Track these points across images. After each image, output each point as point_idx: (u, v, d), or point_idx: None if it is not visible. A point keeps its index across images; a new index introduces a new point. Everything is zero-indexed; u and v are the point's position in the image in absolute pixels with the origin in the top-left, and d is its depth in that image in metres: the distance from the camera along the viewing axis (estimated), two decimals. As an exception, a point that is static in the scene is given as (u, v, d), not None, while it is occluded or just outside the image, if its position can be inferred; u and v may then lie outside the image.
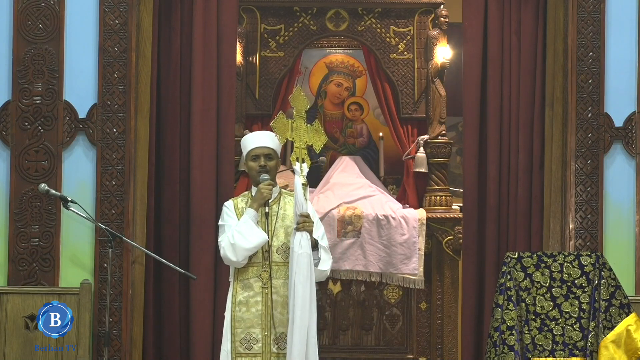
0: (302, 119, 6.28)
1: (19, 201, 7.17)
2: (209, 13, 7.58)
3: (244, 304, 6.08)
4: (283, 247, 6.12)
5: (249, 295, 6.08)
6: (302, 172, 6.08)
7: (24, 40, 7.22)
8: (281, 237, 6.13)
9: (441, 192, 9.56)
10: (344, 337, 9.42)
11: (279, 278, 6.08)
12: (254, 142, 6.22)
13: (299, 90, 6.36)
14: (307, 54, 10.17)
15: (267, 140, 6.21)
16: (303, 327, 5.91)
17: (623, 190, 7.36)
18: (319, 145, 6.32)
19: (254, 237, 6.00)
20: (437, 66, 9.64)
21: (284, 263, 6.09)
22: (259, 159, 6.16)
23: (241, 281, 6.10)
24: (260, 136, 6.28)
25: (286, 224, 6.16)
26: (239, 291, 6.10)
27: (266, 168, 6.14)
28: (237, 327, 6.08)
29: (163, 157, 7.60)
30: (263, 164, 6.15)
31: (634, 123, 7.35)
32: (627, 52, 7.38)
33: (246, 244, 6.00)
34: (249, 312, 6.07)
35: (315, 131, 6.30)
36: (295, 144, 6.24)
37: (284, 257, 6.10)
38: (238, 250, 6.00)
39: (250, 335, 6.06)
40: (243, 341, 6.06)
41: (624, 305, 6.44)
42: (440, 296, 9.34)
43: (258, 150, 6.18)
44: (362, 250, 9.16)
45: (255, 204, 6.08)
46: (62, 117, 7.23)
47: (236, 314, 6.08)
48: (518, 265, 6.50)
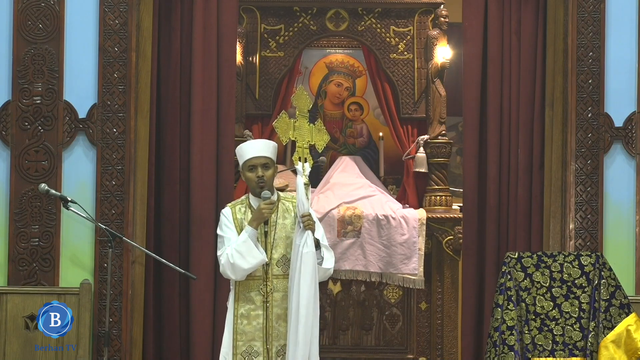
0: (304, 119, 6.28)
1: (19, 201, 7.17)
2: (209, 13, 7.59)
3: (245, 317, 6.06)
4: (283, 259, 6.07)
5: (250, 308, 6.06)
6: (304, 172, 6.08)
7: (24, 40, 7.22)
8: (280, 250, 6.08)
9: (441, 192, 9.56)
10: (344, 337, 9.42)
11: (279, 291, 6.05)
12: (250, 152, 6.09)
13: (302, 90, 6.36)
14: (307, 54, 10.17)
15: (264, 149, 6.10)
16: (308, 327, 5.91)
17: (623, 190, 7.36)
18: (322, 145, 6.31)
19: (253, 259, 5.96)
20: (437, 66, 9.64)
21: (284, 276, 6.06)
22: (255, 169, 6.05)
23: (242, 294, 6.08)
24: (256, 145, 6.14)
25: (285, 235, 6.10)
26: (240, 304, 6.08)
27: (263, 179, 6.06)
28: (239, 339, 6.06)
29: (163, 157, 7.60)
30: (261, 175, 6.08)
31: (634, 123, 7.35)
32: (627, 52, 7.38)
33: (245, 265, 5.96)
34: (250, 325, 6.05)
35: (317, 130, 6.30)
36: (297, 143, 6.23)
37: (283, 270, 6.07)
38: (237, 271, 5.99)
39: (252, 348, 6.05)
40: (244, 354, 6.05)
41: (624, 305, 6.44)
42: (440, 296, 9.34)
43: (255, 161, 6.05)
44: (362, 250, 9.16)
45: (255, 222, 6.02)
46: (62, 117, 7.23)
47: (238, 326, 6.06)
48: (518, 265, 6.50)
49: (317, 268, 5.98)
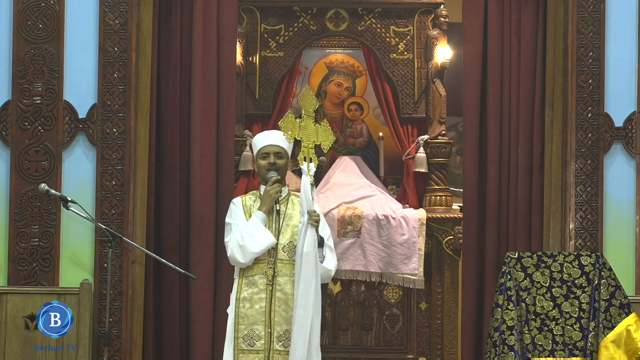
0: (310, 118, 6.30)
1: (19, 201, 7.17)
2: (209, 13, 7.58)
3: (248, 300, 6.10)
4: (289, 245, 6.16)
5: (253, 292, 6.10)
6: (309, 172, 6.12)
7: (24, 40, 7.22)
8: (287, 236, 6.18)
9: (441, 192, 9.56)
10: (344, 337, 9.42)
11: (284, 275, 6.11)
12: (264, 141, 6.28)
13: (308, 89, 6.40)
14: (307, 54, 10.17)
15: (278, 139, 6.27)
16: (305, 326, 5.93)
17: (623, 190, 7.36)
18: (328, 145, 6.34)
19: (263, 240, 6.04)
20: (437, 66, 9.64)
21: (290, 261, 6.12)
22: (268, 156, 6.22)
23: (246, 277, 6.12)
24: (270, 135, 6.33)
25: (293, 224, 6.20)
26: (244, 288, 6.12)
27: (275, 166, 6.17)
28: (241, 323, 6.10)
29: (163, 157, 7.60)
30: (273, 162, 6.18)
31: (634, 123, 7.35)
32: (627, 52, 7.38)
33: (255, 248, 6.04)
34: (252, 309, 6.09)
35: (323, 130, 6.32)
36: (303, 143, 6.26)
37: (289, 255, 6.14)
38: (246, 253, 6.04)
39: (253, 332, 6.08)
40: (246, 337, 6.08)
41: (624, 305, 6.44)
42: (440, 296, 9.33)
43: (268, 149, 6.24)
44: (362, 250, 9.16)
45: (264, 206, 6.10)
46: (62, 117, 7.23)
47: (240, 310, 6.10)
48: (518, 265, 6.50)
49: (318, 267, 6.00)
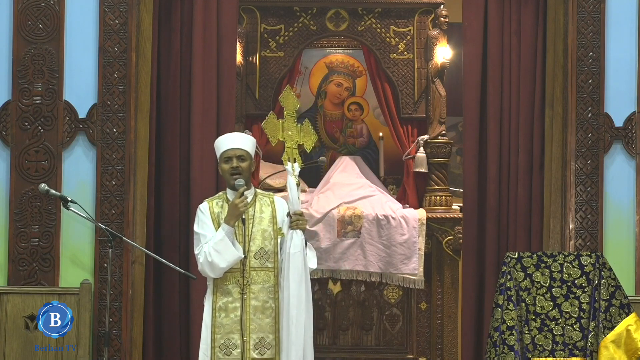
0: (292, 119, 6.25)
1: (19, 201, 7.17)
2: (209, 13, 7.58)
3: (224, 309, 6.06)
4: (260, 252, 6.09)
5: (227, 300, 6.06)
6: (294, 172, 6.10)
7: (24, 40, 7.22)
8: (258, 242, 6.09)
9: (441, 192, 9.56)
10: (344, 337, 9.41)
11: (257, 283, 6.06)
12: (225, 144, 6.14)
13: (289, 90, 6.33)
14: (307, 54, 10.17)
15: (239, 141, 6.14)
16: (300, 326, 5.92)
17: (623, 190, 7.36)
18: (310, 145, 6.29)
19: (230, 257, 5.98)
20: (437, 66, 9.64)
21: (262, 268, 6.07)
22: (231, 161, 6.09)
23: (220, 287, 6.09)
24: (232, 138, 6.20)
25: (262, 228, 6.12)
26: (219, 297, 6.08)
27: (238, 170, 6.09)
28: (217, 332, 6.07)
29: (163, 157, 7.60)
30: (235, 166, 6.09)
31: (634, 123, 7.36)
32: (627, 52, 7.38)
33: (223, 263, 5.99)
34: (228, 318, 6.05)
35: (305, 131, 6.27)
36: (286, 144, 6.21)
37: (261, 262, 6.08)
38: (215, 269, 6.02)
39: (230, 341, 6.05)
40: (222, 347, 6.05)
41: (624, 305, 6.44)
42: (440, 296, 9.33)
43: (230, 152, 6.09)
44: (362, 250, 9.16)
45: (231, 220, 6.02)
46: (62, 117, 7.23)
47: (216, 320, 6.07)
48: (518, 265, 6.50)
49: (307, 267, 6.01)
